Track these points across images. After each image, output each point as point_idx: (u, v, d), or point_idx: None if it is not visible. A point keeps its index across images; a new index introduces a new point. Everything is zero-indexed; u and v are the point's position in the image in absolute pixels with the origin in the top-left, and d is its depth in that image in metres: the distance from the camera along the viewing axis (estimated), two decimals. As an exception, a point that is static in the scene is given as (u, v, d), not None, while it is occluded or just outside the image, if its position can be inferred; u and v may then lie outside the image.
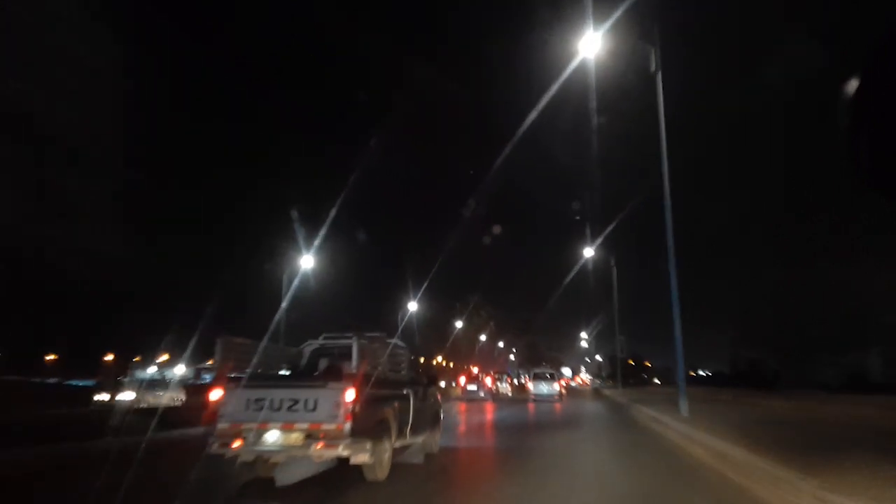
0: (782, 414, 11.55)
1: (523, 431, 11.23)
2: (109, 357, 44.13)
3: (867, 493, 3.74)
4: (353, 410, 4.91)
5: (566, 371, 49.62)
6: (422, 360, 30.97)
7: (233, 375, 5.31)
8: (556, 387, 24.17)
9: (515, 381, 36.91)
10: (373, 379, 5.38)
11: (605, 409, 17.86)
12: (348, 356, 5.96)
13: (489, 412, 16.29)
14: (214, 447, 4.95)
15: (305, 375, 5.88)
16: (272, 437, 4.95)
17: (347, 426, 4.86)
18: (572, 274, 29.17)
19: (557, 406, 19.26)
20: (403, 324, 32.28)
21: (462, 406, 18.07)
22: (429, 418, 7.12)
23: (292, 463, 5.62)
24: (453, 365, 41.32)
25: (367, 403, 5.15)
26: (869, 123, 1.49)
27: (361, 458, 5.02)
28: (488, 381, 27.12)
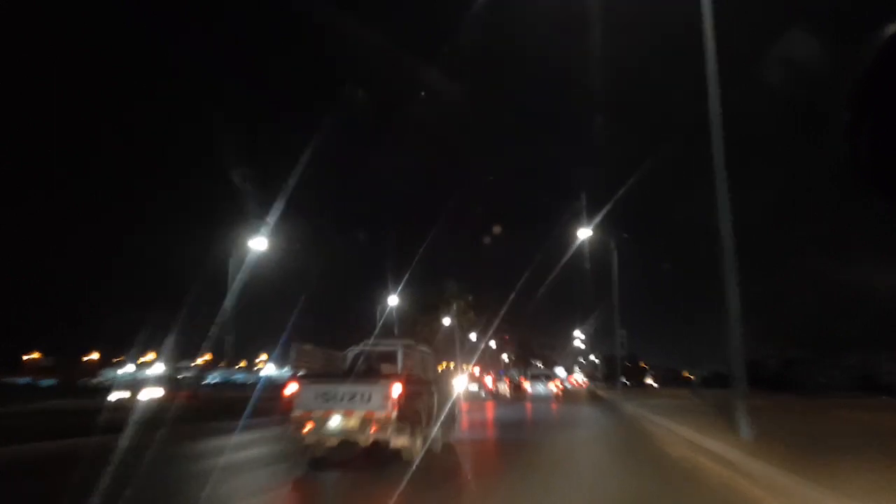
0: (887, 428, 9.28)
1: (524, 428, 13.06)
2: (94, 356, 45.42)
3: None
4: (398, 402, 6.65)
5: (560, 371, 51.84)
6: (449, 364, 31.82)
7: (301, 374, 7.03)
8: (552, 387, 26.73)
9: (512, 381, 38.72)
10: (411, 378, 7.12)
11: (609, 420, 14.92)
12: (387, 359, 7.70)
13: (492, 411, 18.20)
14: (290, 430, 6.67)
15: (362, 374, 7.60)
16: (335, 422, 6.68)
17: (394, 414, 6.61)
18: (567, 257, 27.28)
19: (553, 406, 21.26)
20: (382, 320, 32.46)
21: (465, 405, 19.90)
22: (449, 412, 8.89)
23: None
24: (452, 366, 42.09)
25: (408, 397, 6.90)
26: (870, 121, 1.51)
27: (402, 440, 6.77)
28: (489, 381, 29.48)
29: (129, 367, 49.13)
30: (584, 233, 25.29)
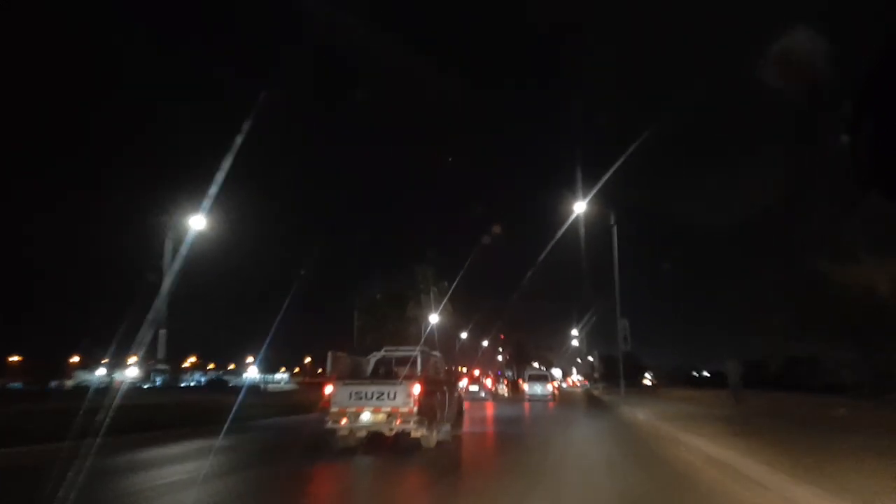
0: None
1: (522, 423, 15.11)
2: (76, 359, 46.96)
3: None
4: (419, 399, 8.58)
5: (557, 373, 54.78)
6: (457, 368, 31.85)
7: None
8: (549, 388, 29.28)
9: (510, 382, 41.12)
10: (428, 379, 9.08)
11: (618, 441, 10.73)
12: (407, 363, 9.63)
13: (492, 410, 20.30)
14: (329, 424, 8.59)
15: (387, 376, 9.54)
16: (366, 417, 8.62)
17: (415, 409, 8.55)
18: (560, 233, 24.65)
19: (551, 405, 23.47)
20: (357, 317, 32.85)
21: (466, 405, 21.98)
22: (456, 409, 10.88)
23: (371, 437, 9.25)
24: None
25: (426, 395, 8.84)
26: (871, 120, 1.60)
27: (421, 431, 8.72)
28: (489, 382, 32.04)
29: (100, 370, 50.75)
30: (579, 206, 22.92)
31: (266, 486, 6.56)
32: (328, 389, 8.81)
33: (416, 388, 8.65)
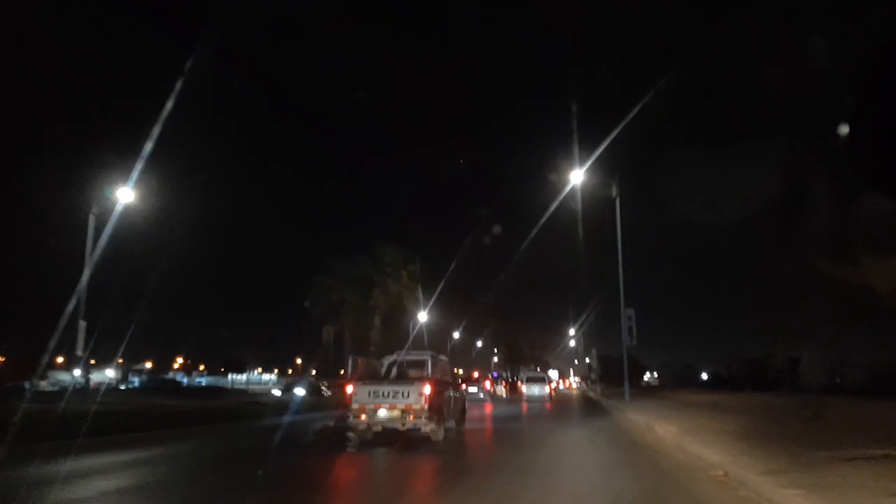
0: None
1: (520, 420, 16.84)
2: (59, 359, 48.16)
3: None
4: (429, 398, 10.25)
5: (553, 374, 57.53)
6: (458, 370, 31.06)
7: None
8: (546, 389, 31.64)
9: (508, 383, 43.30)
10: (437, 380, 10.76)
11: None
12: (418, 366, 11.31)
13: (491, 410, 22.08)
14: (350, 419, 10.25)
15: (401, 377, 11.21)
16: (382, 413, 10.29)
17: (426, 407, 10.21)
18: (550, 213, 23.20)
19: (548, 406, 25.36)
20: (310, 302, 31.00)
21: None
22: (459, 407, 12.59)
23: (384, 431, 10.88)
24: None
25: (435, 395, 10.51)
26: (871, 123, 1.74)
27: (431, 427, 10.39)
28: (487, 384, 34.38)
29: (76, 371, 51.73)
30: (576, 176, 21.64)
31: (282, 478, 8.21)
32: (349, 389, 10.49)
33: (427, 388, 10.32)
